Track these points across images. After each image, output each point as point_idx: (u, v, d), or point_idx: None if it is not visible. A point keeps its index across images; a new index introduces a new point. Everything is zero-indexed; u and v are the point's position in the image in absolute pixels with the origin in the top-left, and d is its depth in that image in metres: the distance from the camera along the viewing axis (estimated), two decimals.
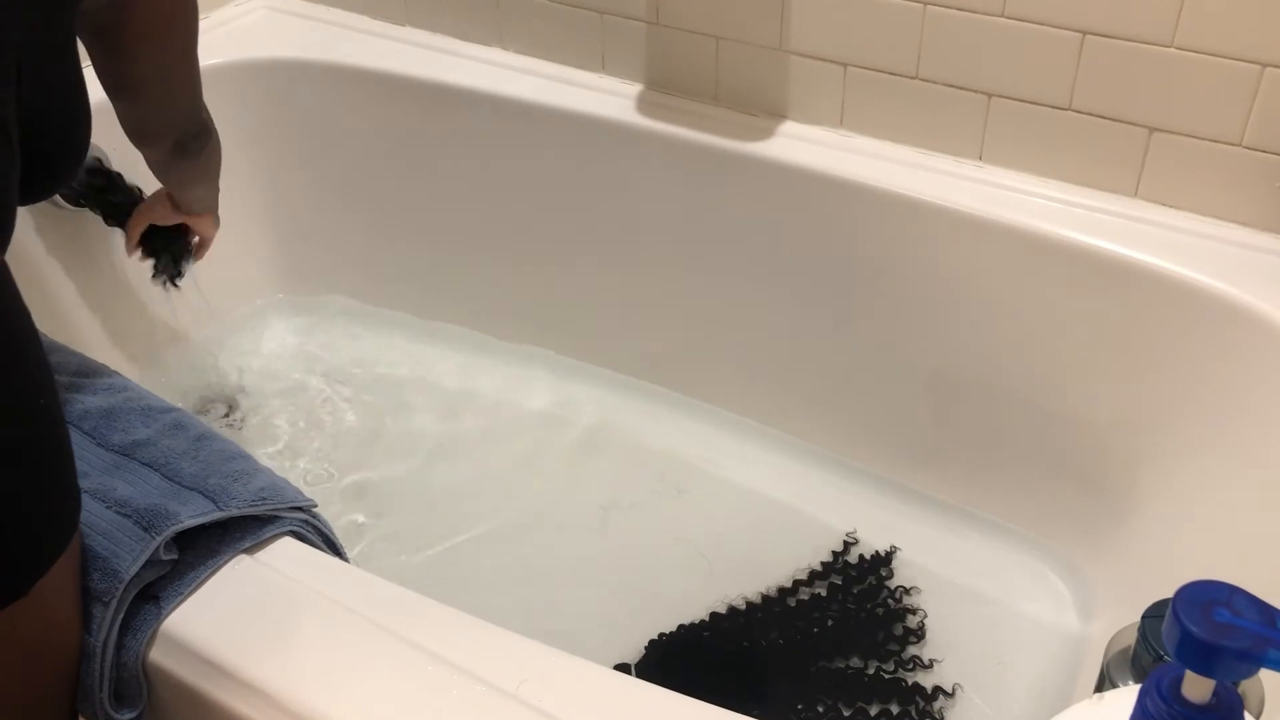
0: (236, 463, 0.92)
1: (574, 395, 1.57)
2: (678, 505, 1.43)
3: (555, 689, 0.78)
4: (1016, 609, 1.29)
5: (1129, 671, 0.88)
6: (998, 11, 1.18)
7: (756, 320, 1.44)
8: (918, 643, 1.26)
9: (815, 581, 1.32)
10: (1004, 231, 1.22)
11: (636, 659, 1.24)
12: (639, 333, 1.54)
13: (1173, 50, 1.12)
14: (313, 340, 1.67)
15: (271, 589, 0.85)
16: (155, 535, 0.82)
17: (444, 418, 1.55)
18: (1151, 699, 0.53)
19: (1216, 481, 1.14)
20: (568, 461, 1.49)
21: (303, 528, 0.92)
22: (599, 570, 1.35)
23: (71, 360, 1.01)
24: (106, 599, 0.80)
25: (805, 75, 1.33)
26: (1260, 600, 0.51)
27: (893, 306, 1.34)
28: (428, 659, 0.79)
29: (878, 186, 1.27)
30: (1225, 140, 1.14)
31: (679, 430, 1.52)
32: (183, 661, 0.81)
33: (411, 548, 1.38)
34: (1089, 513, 1.29)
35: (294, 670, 0.79)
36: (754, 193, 1.35)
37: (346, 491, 1.44)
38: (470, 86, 1.47)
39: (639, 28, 1.40)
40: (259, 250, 1.63)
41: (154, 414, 0.95)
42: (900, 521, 1.39)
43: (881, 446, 1.43)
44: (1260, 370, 1.10)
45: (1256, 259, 1.15)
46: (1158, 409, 1.20)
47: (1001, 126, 1.25)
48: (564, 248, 1.54)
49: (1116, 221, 1.20)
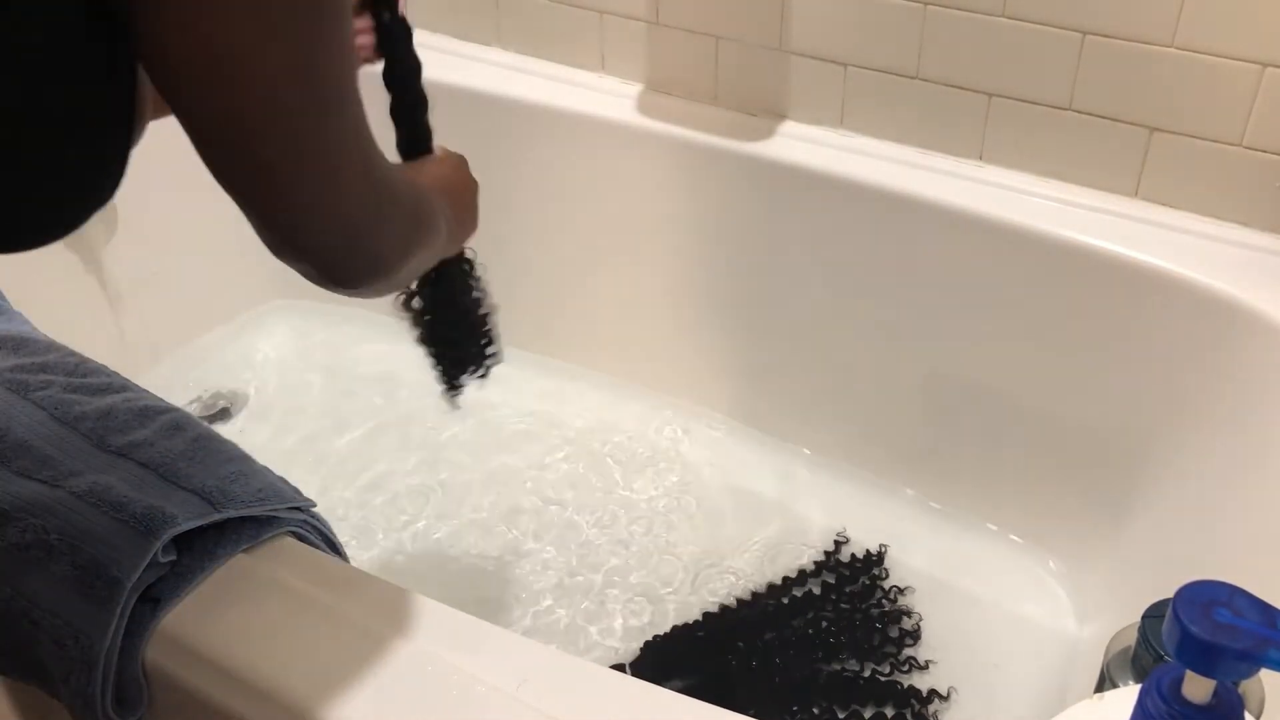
0: (235, 464, 0.91)
1: (567, 396, 1.57)
2: (672, 506, 1.43)
3: (555, 689, 0.78)
4: (1012, 611, 1.29)
5: (1129, 671, 0.88)
6: (998, 11, 1.18)
7: (754, 320, 1.44)
8: (913, 644, 1.26)
9: (807, 580, 1.32)
10: (1004, 231, 1.22)
11: (632, 659, 1.24)
12: (635, 334, 1.54)
13: (1173, 50, 1.12)
14: (313, 342, 1.67)
15: (271, 589, 0.85)
16: (154, 539, 0.82)
17: (444, 419, 1.55)
18: (1151, 699, 0.53)
19: (1216, 481, 1.14)
20: (562, 463, 1.49)
21: (302, 528, 0.91)
22: (595, 571, 1.35)
23: (70, 360, 1.01)
24: (110, 606, 0.80)
25: (805, 75, 1.33)
26: (1260, 600, 0.51)
27: (891, 306, 1.33)
28: (428, 659, 0.79)
29: (878, 186, 1.27)
30: (1225, 140, 1.14)
31: (672, 431, 1.52)
32: (182, 662, 0.81)
33: (411, 547, 1.38)
34: (1086, 514, 1.29)
35: (294, 670, 0.79)
36: (754, 193, 1.35)
37: (347, 492, 1.44)
38: (469, 86, 1.47)
39: (639, 28, 1.40)
40: (261, 253, 1.62)
41: (152, 414, 0.95)
42: (896, 522, 1.39)
43: (877, 447, 1.43)
44: (1261, 370, 1.10)
45: (1256, 259, 1.15)
46: (1156, 409, 1.20)
47: (1001, 126, 1.25)
48: (563, 248, 1.53)
49: (1116, 221, 1.20)
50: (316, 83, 0.59)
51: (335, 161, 0.62)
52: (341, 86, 0.61)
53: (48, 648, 0.81)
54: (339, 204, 0.64)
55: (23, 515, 0.84)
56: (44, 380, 0.97)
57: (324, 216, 0.64)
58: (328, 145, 0.61)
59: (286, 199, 0.62)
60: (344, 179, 0.63)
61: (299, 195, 0.62)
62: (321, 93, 0.60)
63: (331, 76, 0.60)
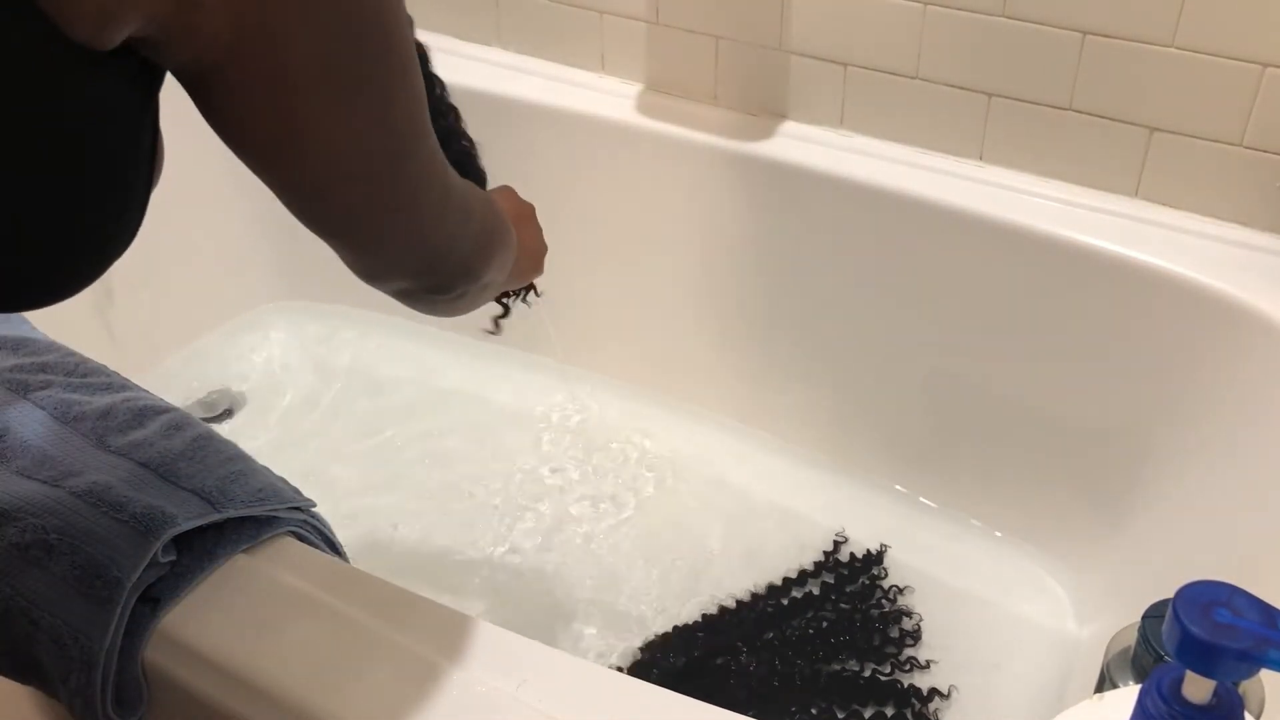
0: (235, 464, 0.91)
1: (564, 396, 1.57)
2: (670, 507, 1.43)
3: (555, 689, 0.78)
4: (1013, 611, 1.29)
5: (1129, 671, 0.88)
6: (998, 11, 1.18)
7: (754, 320, 1.44)
8: (913, 644, 1.26)
9: (807, 581, 1.32)
10: (1004, 231, 1.22)
11: (631, 661, 1.24)
12: (635, 334, 1.54)
13: (1173, 50, 1.12)
14: (313, 343, 1.67)
15: (271, 589, 0.85)
16: (153, 539, 0.82)
17: (444, 420, 1.55)
18: (1151, 699, 0.53)
19: (1216, 482, 1.14)
20: (561, 463, 1.49)
21: (302, 528, 0.91)
22: (593, 571, 1.35)
23: (70, 360, 1.01)
24: (110, 606, 0.80)
25: (805, 75, 1.33)
26: (1260, 600, 0.51)
27: (890, 306, 1.33)
28: (427, 659, 0.79)
29: (878, 186, 1.27)
30: (1225, 140, 1.14)
31: (672, 431, 1.52)
32: (182, 662, 0.81)
33: (411, 547, 1.38)
34: (1086, 514, 1.29)
35: (293, 670, 0.79)
36: (754, 193, 1.35)
37: (347, 492, 1.44)
38: (469, 86, 1.47)
39: (639, 27, 1.40)
40: (261, 254, 1.63)
41: (152, 414, 0.94)
42: (896, 522, 1.39)
43: (877, 447, 1.43)
44: (1260, 370, 1.10)
45: (1256, 259, 1.15)
46: (1156, 409, 1.20)
47: (1001, 126, 1.25)
48: (562, 248, 1.53)
49: (1116, 221, 1.20)
50: (393, 136, 0.61)
51: (415, 199, 0.65)
52: (415, 130, 0.63)
53: (47, 648, 0.81)
54: (423, 231, 0.68)
55: (23, 515, 0.84)
56: (44, 380, 0.97)
57: (411, 246, 0.69)
58: (408, 187, 0.64)
59: (375, 240, 0.66)
60: (424, 211, 0.67)
61: (386, 234, 0.66)
62: (397, 144, 0.62)
63: (404, 125, 0.62)
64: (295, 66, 0.54)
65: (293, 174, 0.60)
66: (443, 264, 0.72)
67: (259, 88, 0.54)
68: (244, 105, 0.55)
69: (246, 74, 0.53)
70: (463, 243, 0.73)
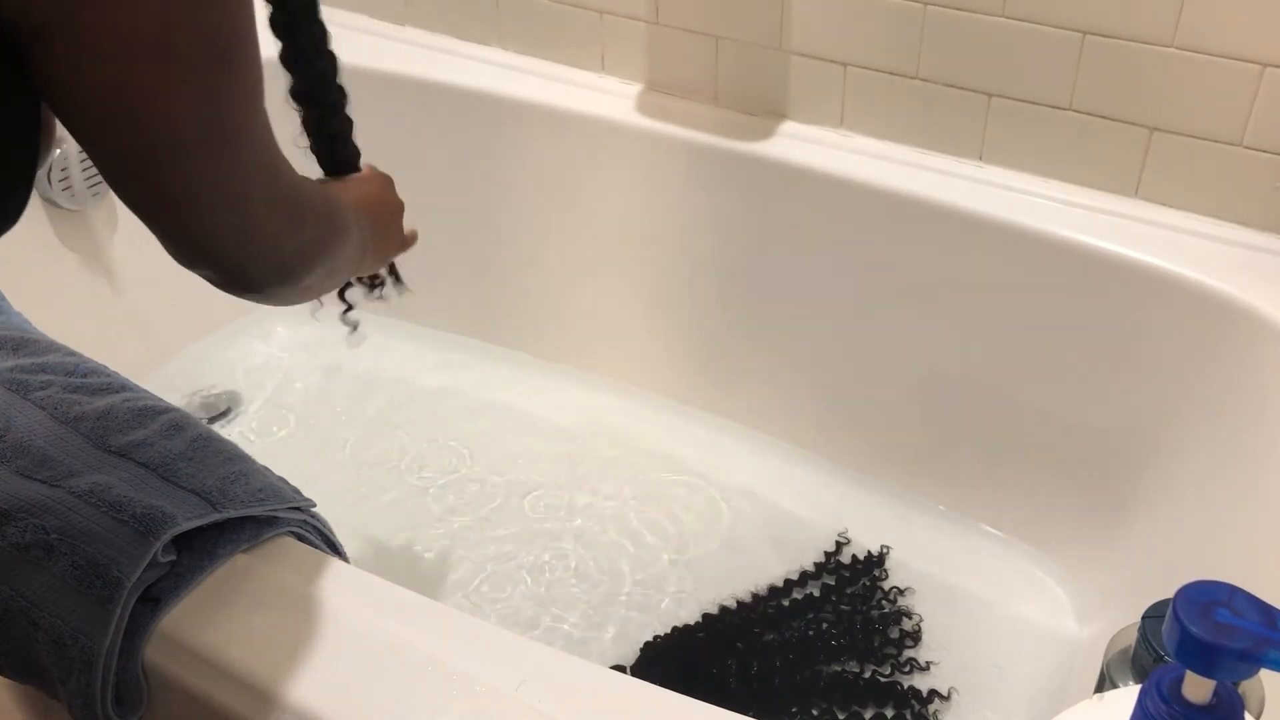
0: (235, 464, 0.91)
1: (567, 396, 1.57)
2: (671, 506, 1.43)
3: (555, 689, 0.78)
4: (1013, 612, 1.29)
5: (1129, 671, 0.88)
6: (998, 11, 1.18)
7: (754, 320, 1.44)
8: (914, 646, 1.26)
9: (808, 582, 1.32)
10: (1004, 231, 1.22)
11: (631, 661, 1.24)
12: (634, 334, 1.54)
13: (1173, 50, 1.12)
14: (313, 343, 1.67)
15: (270, 589, 0.85)
16: (153, 539, 0.82)
17: (444, 421, 1.55)
18: (1151, 699, 0.53)
19: (1216, 482, 1.14)
20: (562, 464, 1.49)
21: (302, 528, 0.91)
22: (593, 572, 1.35)
23: (70, 360, 1.01)
24: (110, 607, 0.80)
25: (805, 75, 1.33)
26: (1260, 600, 0.51)
27: (890, 307, 1.33)
28: (427, 659, 0.79)
29: (878, 186, 1.27)
30: (1225, 140, 1.14)
31: (672, 432, 1.52)
32: (182, 662, 0.81)
33: (411, 547, 1.38)
34: (1086, 515, 1.29)
35: (293, 671, 0.79)
36: (754, 193, 1.35)
37: (346, 492, 1.44)
38: (469, 86, 1.47)
39: (639, 27, 1.40)
40: None
41: (152, 414, 0.94)
42: (897, 523, 1.39)
43: (877, 448, 1.43)
44: (1261, 371, 1.10)
45: (1256, 259, 1.15)
46: (1156, 409, 1.20)
47: (1001, 126, 1.25)
48: (562, 248, 1.53)
49: (1116, 221, 1.20)
50: (222, 119, 0.60)
51: (240, 188, 0.64)
52: (248, 120, 0.63)
53: (47, 648, 0.81)
54: (243, 223, 0.65)
55: (23, 515, 0.84)
56: (44, 380, 0.97)
57: (228, 236, 0.65)
58: (233, 174, 0.63)
59: (192, 224, 0.63)
60: (249, 202, 0.65)
61: (204, 220, 0.63)
62: (227, 128, 0.61)
63: (237, 111, 0.61)
64: (130, 31, 0.54)
65: (117, 143, 0.59)
66: (255, 264, 0.68)
67: (89, 51, 0.54)
68: (71, 68, 0.54)
69: (79, 35, 0.53)
70: (285, 247, 0.70)
